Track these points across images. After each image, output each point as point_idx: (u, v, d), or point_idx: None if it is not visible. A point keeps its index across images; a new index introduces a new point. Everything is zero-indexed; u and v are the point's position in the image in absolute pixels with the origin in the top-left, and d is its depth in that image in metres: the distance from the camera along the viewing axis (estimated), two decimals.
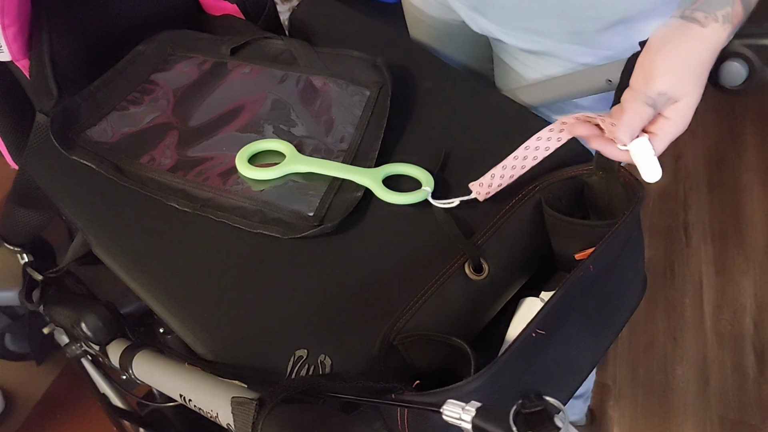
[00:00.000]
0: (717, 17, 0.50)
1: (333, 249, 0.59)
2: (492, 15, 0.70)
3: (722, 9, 0.51)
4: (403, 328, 0.53)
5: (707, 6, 0.51)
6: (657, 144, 0.52)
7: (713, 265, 1.53)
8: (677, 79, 0.51)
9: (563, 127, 0.57)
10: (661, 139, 0.52)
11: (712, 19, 0.50)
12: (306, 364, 0.50)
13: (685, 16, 0.51)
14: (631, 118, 0.52)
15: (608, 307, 0.58)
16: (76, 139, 0.69)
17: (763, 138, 1.73)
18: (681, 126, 0.52)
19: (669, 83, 0.50)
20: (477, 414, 0.35)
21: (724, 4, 0.51)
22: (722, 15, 0.51)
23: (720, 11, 0.51)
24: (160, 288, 0.58)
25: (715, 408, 1.31)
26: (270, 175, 0.64)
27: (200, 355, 0.54)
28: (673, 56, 0.51)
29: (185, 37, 0.80)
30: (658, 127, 0.52)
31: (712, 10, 0.51)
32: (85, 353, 0.71)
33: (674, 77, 0.51)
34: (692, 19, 0.51)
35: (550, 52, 0.70)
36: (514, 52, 0.74)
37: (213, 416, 0.45)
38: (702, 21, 0.50)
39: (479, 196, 0.60)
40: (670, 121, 0.52)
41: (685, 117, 0.52)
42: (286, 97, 0.72)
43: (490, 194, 0.60)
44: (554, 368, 0.54)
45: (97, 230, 0.63)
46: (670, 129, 0.52)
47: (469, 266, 0.56)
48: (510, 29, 0.70)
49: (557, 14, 0.65)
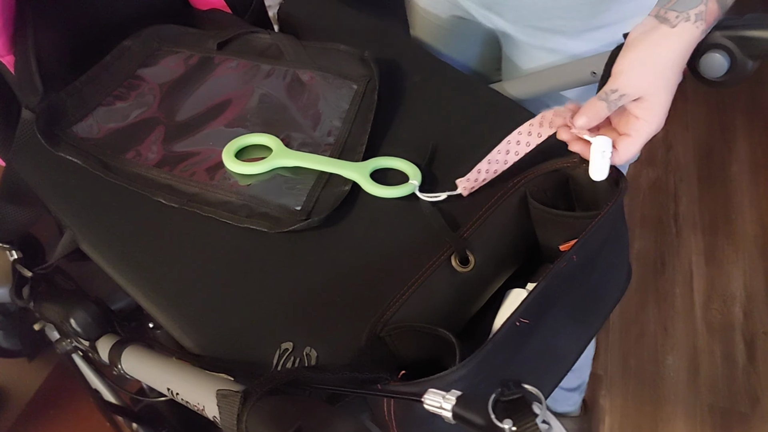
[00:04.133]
0: (689, 16, 0.51)
1: (320, 242, 0.59)
2: (507, 14, 0.71)
3: (695, 7, 0.51)
4: (389, 320, 0.53)
5: (680, 5, 0.51)
6: (631, 145, 0.53)
7: (703, 256, 1.54)
8: (636, 78, 0.51)
9: (542, 121, 0.57)
10: (635, 140, 0.53)
11: (683, 19, 0.51)
12: (292, 357, 0.50)
13: (659, 16, 0.52)
14: (586, 109, 0.53)
15: (593, 297, 0.59)
16: (61, 135, 0.69)
17: (753, 130, 1.74)
18: (653, 125, 0.53)
19: (623, 81, 0.51)
20: (457, 403, 0.35)
21: (697, 2, 0.51)
22: (695, 13, 0.51)
23: (693, 10, 0.51)
24: (146, 283, 0.58)
25: (705, 396, 1.33)
26: (257, 170, 0.64)
27: (188, 349, 0.54)
28: (634, 55, 0.52)
29: (171, 31, 0.79)
30: (631, 127, 0.53)
31: (685, 9, 0.51)
32: (76, 349, 0.71)
33: (632, 76, 0.51)
34: (663, 19, 0.51)
35: (562, 50, 0.70)
36: (526, 48, 0.74)
37: (200, 409, 0.46)
38: (672, 20, 0.51)
39: (464, 191, 0.60)
40: (641, 121, 0.52)
41: (656, 115, 0.52)
42: (273, 91, 0.72)
43: (474, 188, 0.60)
44: (540, 358, 0.54)
45: (83, 226, 0.63)
46: (642, 128, 0.53)
47: (455, 258, 0.56)
48: (525, 27, 0.71)
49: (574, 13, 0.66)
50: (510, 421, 0.33)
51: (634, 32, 0.53)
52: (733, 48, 0.53)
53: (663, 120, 0.53)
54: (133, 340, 0.60)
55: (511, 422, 0.33)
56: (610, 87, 0.52)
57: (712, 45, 0.54)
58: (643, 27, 0.53)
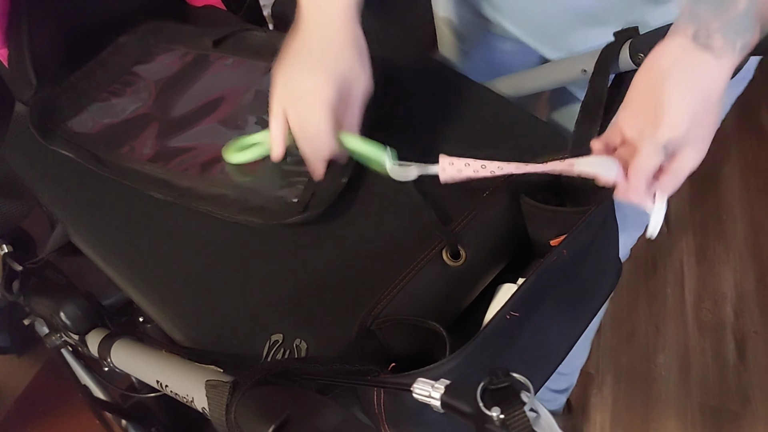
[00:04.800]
0: (735, 46, 0.43)
1: (311, 236, 0.59)
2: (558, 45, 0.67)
3: (743, 37, 0.43)
4: (381, 313, 0.53)
5: (729, 30, 0.43)
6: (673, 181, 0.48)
7: (694, 256, 1.55)
8: (687, 126, 0.45)
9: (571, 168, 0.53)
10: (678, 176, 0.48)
11: (729, 48, 0.43)
12: (282, 349, 0.50)
13: (698, 40, 0.44)
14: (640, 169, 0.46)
15: (583, 292, 0.59)
16: (55, 130, 0.69)
17: (743, 131, 1.76)
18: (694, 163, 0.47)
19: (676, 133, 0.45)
20: (446, 391, 0.35)
21: (747, 31, 0.43)
22: (741, 44, 0.43)
23: (740, 40, 0.43)
24: (137, 276, 0.58)
25: (695, 395, 1.34)
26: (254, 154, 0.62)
27: (178, 342, 0.54)
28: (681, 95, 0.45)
29: (167, 29, 0.79)
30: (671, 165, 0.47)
31: (734, 37, 0.43)
32: (65, 344, 0.71)
33: (682, 125, 0.45)
34: (707, 46, 0.43)
35: None
36: None
37: (188, 401, 0.46)
38: (717, 50, 0.43)
39: (443, 174, 0.57)
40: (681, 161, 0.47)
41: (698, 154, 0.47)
42: (268, 88, 0.72)
43: (454, 180, 0.57)
44: (530, 351, 0.55)
45: (75, 219, 0.63)
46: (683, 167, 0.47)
47: (446, 252, 0.57)
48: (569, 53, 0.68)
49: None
50: (498, 408, 0.33)
51: (665, 58, 0.46)
52: None
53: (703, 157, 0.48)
54: (123, 333, 0.60)
55: (499, 410, 0.33)
56: (666, 136, 0.45)
57: None
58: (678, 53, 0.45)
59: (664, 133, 0.45)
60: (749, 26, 0.43)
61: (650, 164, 0.47)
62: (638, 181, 0.47)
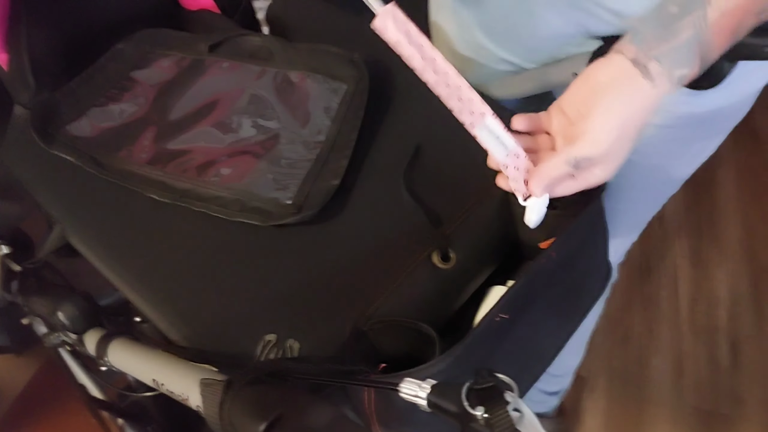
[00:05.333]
0: (673, 77, 0.43)
1: (306, 237, 0.60)
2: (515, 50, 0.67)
3: (680, 69, 0.43)
4: (373, 314, 0.54)
5: (668, 59, 0.43)
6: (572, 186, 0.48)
7: (688, 259, 1.56)
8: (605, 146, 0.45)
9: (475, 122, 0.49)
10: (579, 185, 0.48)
11: (666, 78, 0.43)
12: (275, 348, 0.51)
13: (638, 61, 0.44)
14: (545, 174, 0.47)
15: (572, 294, 0.60)
16: (55, 134, 0.70)
17: (737, 134, 1.76)
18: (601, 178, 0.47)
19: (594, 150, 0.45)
20: (432, 391, 0.36)
21: (685, 63, 0.43)
22: (678, 76, 0.43)
23: (678, 70, 0.43)
24: (134, 276, 0.59)
25: (689, 398, 1.34)
26: None
27: (174, 341, 0.55)
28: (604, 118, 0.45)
29: (164, 35, 0.81)
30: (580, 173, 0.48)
31: (671, 66, 0.43)
32: (63, 343, 0.72)
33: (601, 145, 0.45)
34: (645, 71, 0.43)
35: None
36: None
37: (184, 399, 0.47)
38: (655, 77, 0.43)
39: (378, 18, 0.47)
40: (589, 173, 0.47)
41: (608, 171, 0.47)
42: (263, 91, 0.73)
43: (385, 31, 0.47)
44: (520, 353, 0.56)
45: (72, 219, 0.64)
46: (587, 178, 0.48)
47: (437, 255, 0.58)
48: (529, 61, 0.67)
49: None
50: (482, 408, 0.34)
51: (602, 73, 0.46)
52: None
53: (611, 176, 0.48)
54: (120, 333, 0.61)
55: (483, 409, 0.34)
56: (583, 154, 0.45)
57: None
58: (615, 70, 0.45)
59: (581, 150, 0.45)
60: (689, 59, 0.43)
61: (554, 175, 0.47)
62: (536, 185, 0.48)
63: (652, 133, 0.69)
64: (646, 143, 0.72)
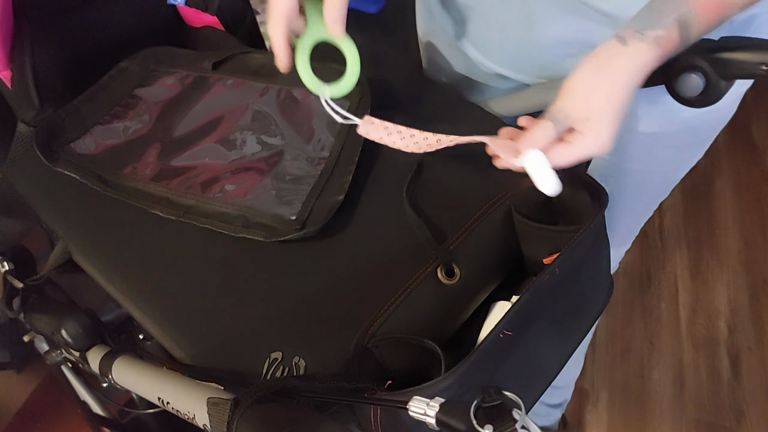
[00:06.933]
0: (645, 37, 0.48)
1: (309, 254, 0.60)
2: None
3: (654, 30, 0.48)
4: (377, 331, 0.54)
5: (638, 23, 0.49)
6: (566, 153, 0.53)
7: (688, 270, 1.57)
8: (583, 99, 0.50)
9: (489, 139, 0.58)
10: (572, 150, 0.52)
11: (637, 38, 0.48)
12: (281, 366, 0.51)
13: (618, 35, 0.49)
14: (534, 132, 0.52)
15: (575, 309, 0.60)
16: (59, 152, 0.71)
17: (735, 147, 1.78)
18: (595, 144, 0.52)
19: (570, 102, 0.50)
20: (440, 409, 0.37)
21: (658, 26, 0.48)
22: (653, 36, 0.48)
23: (651, 31, 0.48)
24: (138, 293, 0.59)
25: (690, 411, 1.34)
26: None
27: (178, 359, 0.55)
28: (582, 74, 0.50)
29: (167, 53, 0.81)
30: (572, 137, 0.53)
31: (643, 28, 0.48)
32: (66, 360, 0.72)
33: (578, 97, 0.50)
34: (619, 37, 0.49)
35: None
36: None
37: (190, 418, 0.47)
38: (626, 38, 0.49)
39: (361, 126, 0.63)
40: (580, 134, 0.52)
41: (599, 137, 0.51)
42: (267, 108, 0.73)
43: (368, 134, 0.63)
44: (523, 369, 0.56)
45: (77, 237, 0.64)
46: (582, 142, 0.52)
47: (441, 271, 0.58)
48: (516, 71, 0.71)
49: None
50: (491, 426, 0.34)
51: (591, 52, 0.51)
52: (708, 69, 0.55)
53: (608, 143, 0.52)
54: (124, 350, 0.61)
55: (491, 428, 0.34)
56: (557, 107, 0.51)
57: (689, 66, 0.56)
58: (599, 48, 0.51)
59: (557, 104, 0.51)
60: (662, 21, 0.48)
61: (540, 137, 0.52)
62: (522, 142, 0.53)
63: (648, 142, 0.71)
64: (642, 151, 0.74)
